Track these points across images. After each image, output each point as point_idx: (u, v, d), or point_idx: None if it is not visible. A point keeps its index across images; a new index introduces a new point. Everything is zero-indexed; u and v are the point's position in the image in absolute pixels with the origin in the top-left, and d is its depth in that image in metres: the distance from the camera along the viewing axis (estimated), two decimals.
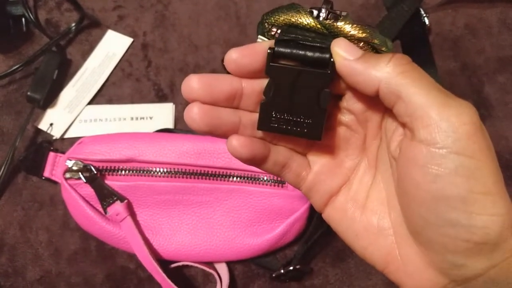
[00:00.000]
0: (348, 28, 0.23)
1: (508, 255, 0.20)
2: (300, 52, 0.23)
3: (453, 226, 0.20)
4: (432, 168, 0.20)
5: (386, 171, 0.25)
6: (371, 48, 0.23)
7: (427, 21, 0.53)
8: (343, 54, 0.22)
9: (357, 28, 0.23)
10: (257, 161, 0.25)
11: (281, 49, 0.23)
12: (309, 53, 0.23)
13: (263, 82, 0.24)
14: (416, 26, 0.51)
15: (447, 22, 0.54)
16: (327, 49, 0.23)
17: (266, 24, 0.25)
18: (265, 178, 0.44)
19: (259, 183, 0.44)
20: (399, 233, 0.24)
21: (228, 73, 0.50)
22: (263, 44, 0.24)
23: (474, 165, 0.20)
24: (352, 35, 0.23)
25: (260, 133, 0.25)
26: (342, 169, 0.26)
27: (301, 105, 0.23)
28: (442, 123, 0.20)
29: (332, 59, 0.22)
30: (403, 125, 0.22)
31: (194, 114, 0.23)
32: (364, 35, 0.23)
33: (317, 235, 0.44)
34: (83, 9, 0.52)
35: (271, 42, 0.24)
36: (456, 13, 0.54)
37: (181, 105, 0.50)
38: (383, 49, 0.23)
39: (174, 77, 0.51)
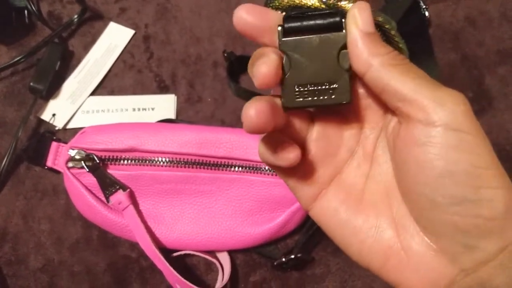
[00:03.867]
0: None
1: None
2: (310, 22, 0.23)
3: (461, 203, 0.20)
4: (433, 145, 0.20)
5: (385, 162, 0.25)
6: (376, 26, 0.24)
7: (427, 14, 0.53)
8: (358, 20, 0.22)
9: None
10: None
11: (291, 24, 0.23)
12: (319, 21, 0.23)
13: None
14: (415, 18, 0.51)
15: (447, 15, 0.54)
16: (336, 13, 0.23)
17: (270, 7, 0.25)
18: (266, 168, 0.44)
19: (260, 173, 0.44)
20: (402, 224, 0.23)
21: (228, 64, 0.50)
22: (276, 12, 0.23)
23: (473, 141, 0.20)
24: None
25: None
26: (336, 159, 0.25)
27: (323, 72, 0.23)
28: (436, 104, 0.20)
29: (343, 21, 0.22)
30: (395, 111, 0.22)
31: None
32: None
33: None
34: (85, 1, 0.52)
35: (282, 15, 0.23)
36: (457, 5, 0.54)
37: (183, 96, 0.51)
38: (387, 26, 0.23)
39: (175, 68, 0.52)
